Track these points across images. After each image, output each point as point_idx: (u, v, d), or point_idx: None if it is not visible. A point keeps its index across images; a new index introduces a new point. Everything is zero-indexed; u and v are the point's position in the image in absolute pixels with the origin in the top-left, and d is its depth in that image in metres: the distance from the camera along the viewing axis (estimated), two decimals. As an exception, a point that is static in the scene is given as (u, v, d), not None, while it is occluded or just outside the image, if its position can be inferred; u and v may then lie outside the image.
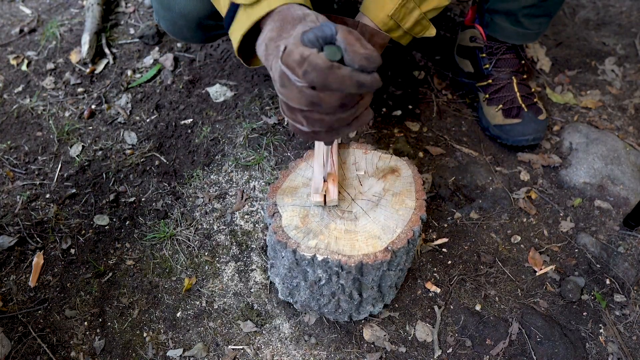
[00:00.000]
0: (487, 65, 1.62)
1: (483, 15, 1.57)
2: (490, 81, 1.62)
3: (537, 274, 1.35)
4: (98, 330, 1.23)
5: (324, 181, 1.07)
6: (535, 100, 1.60)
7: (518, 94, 1.58)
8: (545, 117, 1.59)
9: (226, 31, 0.99)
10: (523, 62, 1.65)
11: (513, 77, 1.60)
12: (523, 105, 1.57)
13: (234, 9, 0.93)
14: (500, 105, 1.58)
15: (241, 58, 1.00)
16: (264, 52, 0.86)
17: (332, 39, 0.77)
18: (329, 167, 1.05)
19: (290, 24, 0.83)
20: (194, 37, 1.35)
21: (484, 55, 1.62)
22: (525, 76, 1.65)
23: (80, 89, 1.76)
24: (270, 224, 1.07)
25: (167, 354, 1.20)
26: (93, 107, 1.70)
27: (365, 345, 1.21)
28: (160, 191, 1.49)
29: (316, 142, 1.13)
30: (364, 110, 0.84)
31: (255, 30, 0.92)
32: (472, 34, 1.62)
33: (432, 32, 1.23)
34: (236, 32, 0.93)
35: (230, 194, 1.47)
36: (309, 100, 0.77)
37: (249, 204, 1.44)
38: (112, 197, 1.46)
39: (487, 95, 1.62)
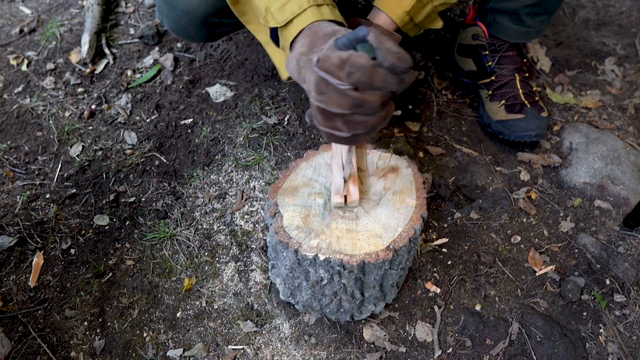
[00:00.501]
0: (490, 63, 1.62)
1: (485, 14, 1.57)
2: (493, 78, 1.62)
3: (537, 274, 1.35)
4: (98, 330, 1.23)
5: (344, 182, 1.07)
6: (536, 98, 1.60)
7: (520, 90, 1.58)
8: (547, 115, 1.59)
9: (277, 47, 1.02)
10: (525, 60, 1.65)
11: (516, 74, 1.60)
12: (526, 102, 1.57)
13: (274, 31, 0.96)
14: (503, 101, 1.58)
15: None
16: (296, 67, 0.87)
17: (364, 39, 0.77)
18: (348, 168, 1.05)
19: (321, 39, 0.84)
20: (197, 35, 1.35)
21: (486, 52, 1.62)
22: (527, 74, 1.66)
23: (80, 89, 1.75)
24: (271, 224, 1.07)
25: (167, 354, 1.20)
26: (93, 107, 1.70)
27: (365, 345, 1.21)
28: (160, 191, 1.49)
29: (334, 144, 1.12)
30: (390, 105, 0.85)
31: None
32: (475, 31, 1.62)
33: (439, 24, 1.25)
34: (285, 51, 0.96)
35: (230, 194, 1.47)
36: (353, 102, 0.77)
37: (249, 204, 1.44)
38: (112, 197, 1.46)
39: (490, 92, 1.62)
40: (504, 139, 1.60)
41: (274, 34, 0.99)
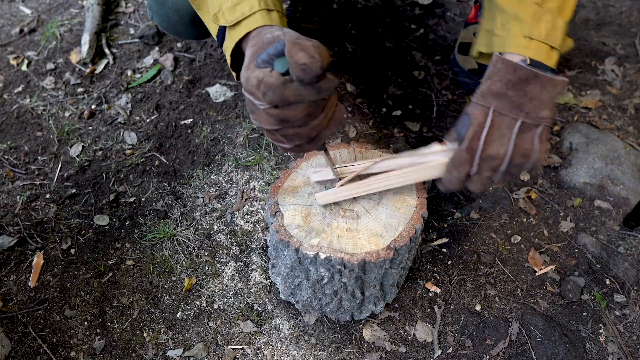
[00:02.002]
0: None
1: None
2: None
3: (537, 274, 1.35)
4: (98, 330, 1.23)
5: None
6: None
7: None
8: None
9: (220, 47, 1.00)
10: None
11: None
12: None
13: (222, 29, 0.95)
14: None
15: (236, 74, 1.00)
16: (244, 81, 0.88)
17: (282, 52, 0.78)
18: (332, 170, 1.05)
19: (261, 49, 0.83)
20: (187, 32, 1.35)
21: None
22: None
23: (80, 89, 1.75)
24: (272, 224, 1.07)
25: (167, 354, 1.20)
26: (93, 107, 1.70)
27: (365, 345, 1.21)
28: (160, 191, 1.49)
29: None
30: (334, 108, 0.85)
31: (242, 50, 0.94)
32: (475, 30, 1.62)
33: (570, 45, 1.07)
34: (227, 51, 0.95)
35: (230, 194, 1.47)
36: (277, 119, 0.79)
37: (249, 204, 1.44)
38: (112, 197, 1.46)
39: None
40: None
41: (221, 34, 0.97)
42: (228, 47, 0.93)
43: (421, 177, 1.01)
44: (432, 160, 0.98)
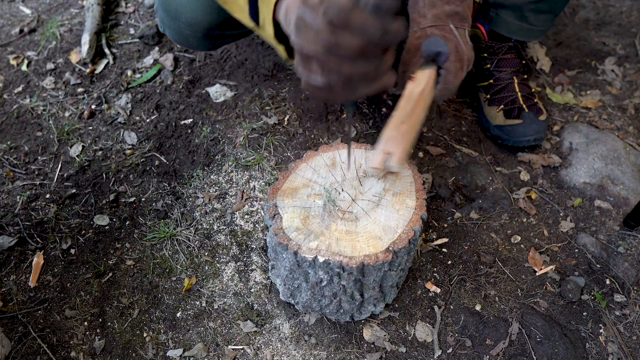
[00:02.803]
0: (489, 65, 1.62)
1: (488, 10, 1.57)
2: (491, 81, 1.62)
3: (537, 274, 1.35)
4: (98, 330, 1.23)
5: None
6: (535, 100, 1.60)
7: (519, 94, 1.58)
8: (546, 117, 1.59)
9: (256, 24, 0.97)
10: (524, 62, 1.65)
11: (514, 77, 1.60)
12: (524, 106, 1.57)
13: (253, 2, 0.92)
14: (502, 106, 1.58)
15: (283, 47, 0.97)
16: (285, 16, 0.83)
17: None
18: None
19: None
20: (200, 45, 1.34)
21: (485, 55, 1.62)
22: (525, 76, 1.65)
23: (80, 89, 1.76)
24: (270, 226, 1.07)
25: (167, 354, 1.20)
26: (93, 107, 1.70)
27: (365, 345, 1.21)
28: (160, 191, 1.49)
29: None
30: (387, 71, 0.78)
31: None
32: (474, 33, 1.62)
33: None
34: (266, 19, 0.91)
35: (230, 194, 1.47)
36: (327, 42, 0.71)
37: (249, 204, 1.44)
38: (112, 197, 1.46)
39: (488, 96, 1.62)
40: (503, 144, 1.61)
41: (253, 10, 0.93)
42: (265, 20, 0.90)
43: (428, 101, 1.10)
44: (426, 86, 1.08)
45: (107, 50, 1.85)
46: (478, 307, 1.28)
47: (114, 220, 1.43)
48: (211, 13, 1.21)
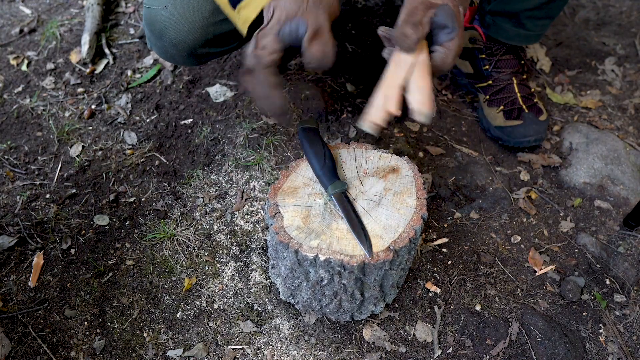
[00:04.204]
0: (487, 67, 1.62)
1: (484, 16, 1.57)
2: (490, 82, 1.62)
3: (537, 274, 1.35)
4: (98, 330, 1.23)
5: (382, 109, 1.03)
6: (535, 100, 1.60)
7: (519, 94, 1.59)
8: (546, 117, 1.59)
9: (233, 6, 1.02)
10: (523, 62, 1.65)
11: (513, 78, 1.60)
12: (524, 107, 1.57)
13: None
14: (501, 107, 1.58)
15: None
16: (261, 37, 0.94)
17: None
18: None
19: (288, 20, 0.92)
20: (185, 63, 1.35)
21: (483, 56, 1.62)
22: (525, 76, 1.65)
23: (80, 89, 1.75)
24: (271, 225, 1.07)
25: (167, 354, 1.20)
26: (93, 107, 1.70)
27: (365, 345, 1.21)
28: (160, 191, 1.49)
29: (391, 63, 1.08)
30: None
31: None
32: (472, 35, 1.62)
33: None
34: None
35: (230, 194, 1.47)
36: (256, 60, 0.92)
37: (249, 204, 1.44)
38: (112, 197, 1.46)
39: (488, 97, 1.62)
40: (504, 145, 1.61)
41: None
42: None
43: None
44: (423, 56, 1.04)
45: (107, 50, 1.85)
46: (478, 307, 1.28)
47: (114, 220, 1.43)
48: (194, 33, 1.21)
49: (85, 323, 1.24)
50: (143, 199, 1.47)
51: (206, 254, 1.36)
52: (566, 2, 1.48)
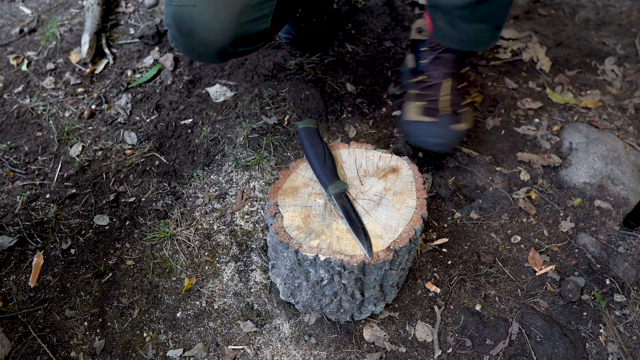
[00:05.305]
0: (425, 60, 1.49)
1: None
2: (425, 77, 1.49)
3: (537, 274, 1.35)
4: (98, 330, 1.23)
5: None
6: (464, 110, 1.48)
7: (446, 96, 1.46)
8: (465, 128, 1.46)
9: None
10: (466, 69, 1.53)
11: (447, 79, 1.47)
12: (444, 108, 1.44)
13: None
14: (425, 102, 1.46)
15: None
16: None
17: None
18: None
19: None
20: (212, 61, 1.33)
21: (425, 49, 1.49)
22: (464, 84, 1.53)
23: (80, 89, 1.75)
24: (271, 225, 1.07)
25: (167, 354, 1.20)
26: (93, 107, 1.70)
27: (365, 345, 1.21)
28: (160, 191, 1.49)
29: None
30: None
31: None
32: (420, 24, 1.51)
33: None
34: None
35: (230, 194, 1.47)
36: None
37: (249, 204, 1.44)
38: (112, 197, 1.46)
39: (416, 91, 1.50)
40: (407, 142, 1.51)
41: None
42: None
43: None
44: None
45: (107, 50, 1.85)
46: (478, 307, 1.28)
47: (114, 220, 1.43)
48: (225, 32, 1.20)
49: (85, 323, 1.24)
50: (143, 199, 1.47)
51: (206, 254, 1.36)
52: (506, 9, 1.35)
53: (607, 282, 1.33)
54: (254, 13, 1.21)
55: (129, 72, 1.80)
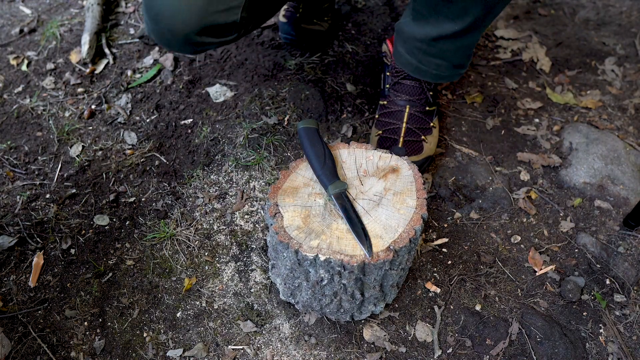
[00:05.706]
0: (388, 85, 1.51)
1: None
2: (385, 102, 1.51)
3: (537, 274, 1.35)
4: (98, 330, 1.23)
5: None
6: (422, 138, 1.48)
7: (404, 125, 1.47)
8: (423, 158, 1.47)
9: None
10: (429, 94, 1.51)
11: (407, 106, 1.48)
12: (402, 139, 1.45)
13: None
14: (380, 132, 1.48)
15: None
16: None
17: None
18: None
19: None
20: (181, 49, 1.34)
21: (388, 73, 1.51)
22: (427, 108, 1.50)
23: (80, 89, 1.75)
24: (271, 225, 1.07)
25: (167, 354, 1.20)
26: (93, 107, 1.70)
27: (365, 345, 1.21)
28: (160, 191, 1.49)
29: None
30: None
31: None
32: (384, 49, 1.52)
33: None
34: None
35: (230, 194, 1.47)
36: None
37: (249, 204, 1.44)
38: (112, 197, 1.46)
39: (377, 116, 1.52)
40: None
41: None
42: None
43: None
44: None
45: (107, 50, 1.85)
46: (478, 307, 1.28)
47: (114, 220, 1.43)
48: (191, 20, 1.21)
49: (85, 323, 1.24)
50: (143, 199, 1.47)
51: (206, 254, 1.36)
52: (467, 51, 1.35)
53: (607, 282, 1.33)
54: (223, 3, 1.21)
55: (129, 72, 1.80)
